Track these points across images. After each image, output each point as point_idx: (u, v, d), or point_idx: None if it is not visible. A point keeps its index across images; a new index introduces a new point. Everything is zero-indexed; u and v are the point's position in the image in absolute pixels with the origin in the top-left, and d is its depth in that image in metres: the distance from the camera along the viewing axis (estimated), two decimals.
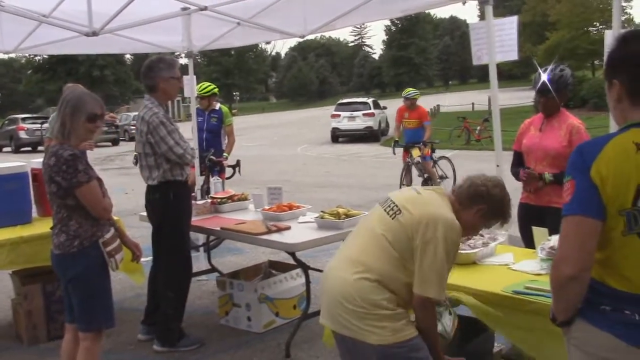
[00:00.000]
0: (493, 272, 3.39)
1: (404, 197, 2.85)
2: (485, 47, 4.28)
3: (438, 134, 24.76)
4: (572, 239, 1.87)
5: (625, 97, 1.95)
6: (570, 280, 1.87)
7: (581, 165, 1.89)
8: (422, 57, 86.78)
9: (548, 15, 46.12)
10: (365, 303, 2.63)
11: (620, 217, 1.85)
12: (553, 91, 3.98)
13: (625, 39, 1.98)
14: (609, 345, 1.88)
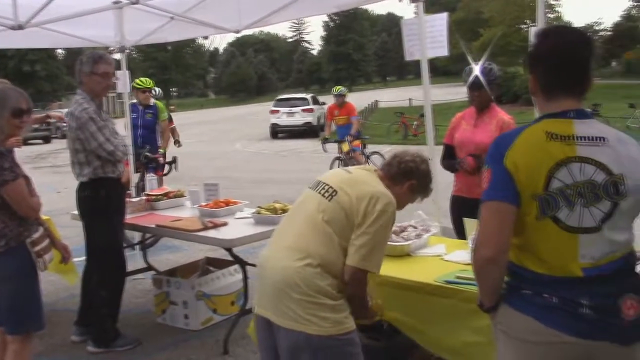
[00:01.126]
0: (426, 263, 3.47)
1: (337, 178, 2.83)
2: (417, 43, 4.36)
3: (376, 129, 25.11)
4: (490, 224, 1.95)
5: (539, 91, 2.05)
6: (489, 263, 1.95)
7: (497, 155, 1.97)
8: (361, 53, 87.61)
9: (482, 13, 47.30)
10: (310, 290, 2.58)
11: (534, 202, 1.93)
12: (479, 85, 4.10)
13: (542, 35, 2.07)
14: (531, 328, 1.95)
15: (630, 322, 1.92)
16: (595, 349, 1.92)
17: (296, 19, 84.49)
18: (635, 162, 1.96)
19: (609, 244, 1.94)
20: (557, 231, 1.94)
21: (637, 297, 1.94)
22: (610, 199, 1.93)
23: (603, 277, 1.93)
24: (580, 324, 1.91)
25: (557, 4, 56.27)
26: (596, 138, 1.95)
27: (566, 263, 1.94)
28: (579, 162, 1.92)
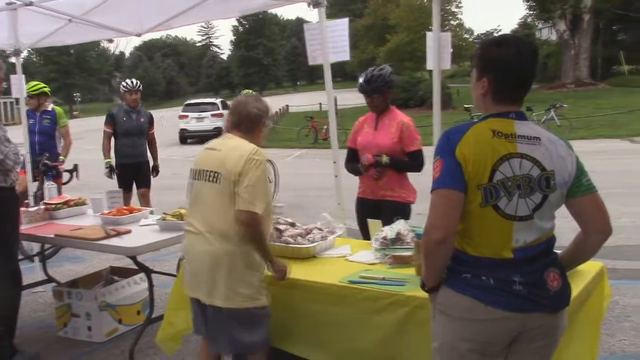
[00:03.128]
0: (331, 264, 3.52)
1: (211, 161, 3.18)
2: (319, 48, 4.42)
3: (286, 133, 25.21)
4: (440, 209, 2.15)
5: (490, 93, 2.25)
6: (439, 245, 2.15)
7: (448, 148, 2.17)
8: (271, 57, 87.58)
9: (388, 19, 48.35)
10: (235, 265, 3.06)
11: (479, 192, 2.14)
12: (372, 90, 4.20)
13: (499, 43, 2.27)
14: (470, 307, 2.18)
15: (556, 292, 2.20)
16: (529, 320, 2.18)
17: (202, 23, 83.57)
18: (563, 159, 2.20)
19: (538, 230, 2.19)
20: (496, 218, 2.16)
21: (558, 270, 2.24)
22: (542, 192, 2.17)
23: (530, 257, 2.18)
24: (515, 300, 2.15)
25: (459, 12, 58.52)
26: (533, 137, 2.19)
27: (501, 247, 2.17)
28: (519, 157, 2.15)
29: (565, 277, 2.28)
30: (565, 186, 2.20)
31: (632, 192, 9.53)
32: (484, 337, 2.19)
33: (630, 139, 17.56)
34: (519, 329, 2.19)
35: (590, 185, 2.24)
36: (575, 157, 2.24)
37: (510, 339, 2.22)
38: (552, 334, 2.26)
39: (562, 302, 2.25)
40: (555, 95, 33.00)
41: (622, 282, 5.38)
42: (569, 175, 2.20)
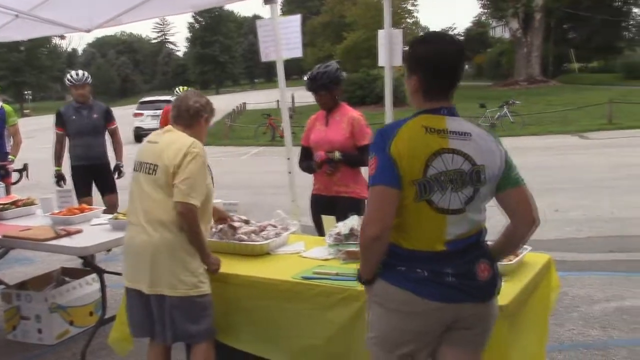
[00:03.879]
0: (285, 261, 3.52)
1: (149, 153, 3.23)
2: (272, 45, 4.40)
3: (244, 131, 25.07)
4: (376, 205, 2.19)
5: (420, 90, 2.29)
6: (374, 240, 2.19)
7: (382, 145, 2.20)
8: (227, 55, 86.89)
9: (345, 17, 48.47)
10: (175, 253, 3.10)
11: (413, 187, 2.18)
12: (318, 87, 4.20)
13: (420, 41, 2.33)
14: (405, 299, 2.23)
15: (486, 282, 2.27)
16: (461, 310, 2.25)
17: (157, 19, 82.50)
18: (492, 154, 2.26)
19: (469, 223, 2.25)
20: (430, 212, 2.21)
21: (488, 261, 2.30)
22: (473, 186, 2.23)
23: (461, 249, 2.24)
24: (448, 291, 2.22)
25: (415, 10, 59.07)
26: (464, 133, 2.24)
27: (435, 240, 2.23)
28: (450, 153, 2.20)
29: (495, 267, 2.34)
30: (495, 180, 2.26)
31: (581, 186, 9.79)
32: (419, 327, 2.26)
33: (580, 134, 18.03)
34: (452, 319, 2.26)
35: (518, 179, 2.30)
36: (504, 152, 2.30)
37: (444, 328, 2.29)
38: (483, 322, 2.33)
39: (492, 292, 2.32)
40: (509, 92, 33.62)
41: (571, 274, 5.53)
42: (499, 169, 2.25)
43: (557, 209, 8.26)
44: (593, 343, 4.15)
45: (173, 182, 3.10)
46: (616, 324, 4.41)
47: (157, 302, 3.17)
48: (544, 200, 8.74)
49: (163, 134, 3.31)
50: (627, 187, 9.45)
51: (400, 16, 55.47)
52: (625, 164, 11.70)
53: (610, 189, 9.46)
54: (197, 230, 3.14)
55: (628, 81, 34.34)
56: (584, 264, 5.90)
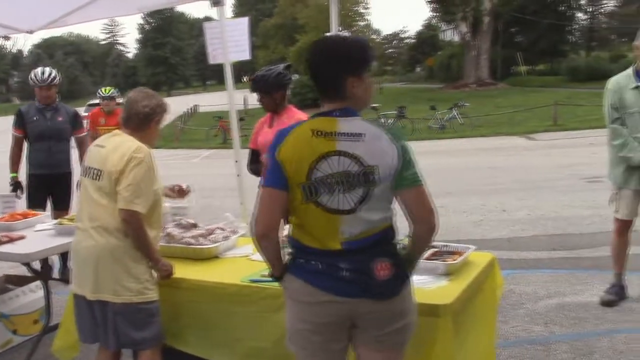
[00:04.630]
0: (234, 264, 3.52)
1: (96, 158, 3.19)
2: (219, 47, 4.39)
3: (195, 134, 24.83)
4: (263, 206, 2.31)
5: (319, 94, 2.36)
6: (261, 238, 2.32)
7: (274, 148, 2.30)
8: (179, 56, 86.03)
9: (297, 19, 48.60)
10: (119, 259, 3.06)
11: (299, 189, 2.26)
12: (261, 90, 4.19)
13: (310, 46, 2.37)
14: (305, 290, 2.32)
15: (384, 281, 2.29)
16: (357, 305, 2.29)
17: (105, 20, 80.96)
18: (385, 154, 2.26)
19: (365, 222, 2.28)
20: (320, 213, 2.27)
21: (389, 261, 2.31)
22: (364, 186, 2.25)
23: (358, 248, 2.28)
24: (342, 285, 2.27)
25: (366, 12, 59.56)
26: (355, 134, 2.25)
27: (329, 238, 2.28)
28: (337, 155, 2.24)
29: (399, 267, 2.33)
30: (390, 179, 2.25)
31: (528, 187, 10.03)
32: (317, 318, 2.32)
33: (527, 136, 18.47)
34: (351, 314, 2.30)
35: (414, 179, 2.29)
36: (402, 151, 2.27)
37: (348, 323, 2.34)
38: (386, 320, 2.32)
39: (391, 291, 2.31)
40: (459, 94, 34.26)
41: (517, 272, 5.66)
42: (392, 169, 2.24)
43: (504, 209, 8.45)
44: (536, 339, 4.26)
45: (117, 188, 3.05)
46: (558, 319, 4.54)
47: (100, 308, 3.13)
48: (492, 200, 8.96)
49: (110, 137, 3.27)
50: (570, 187, 9.74)
51: (352, 19, 55.99)
52: (569, 164, 12.05)
53: (555, 188, 9.73)
54: (143, 237, 3.09)
55: (572, 84, 35.36)
56: (529, 262, 6.05)
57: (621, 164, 4.63)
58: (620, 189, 4.67)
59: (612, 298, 4.76)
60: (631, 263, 4.89)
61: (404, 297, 2.36)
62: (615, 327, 4.36)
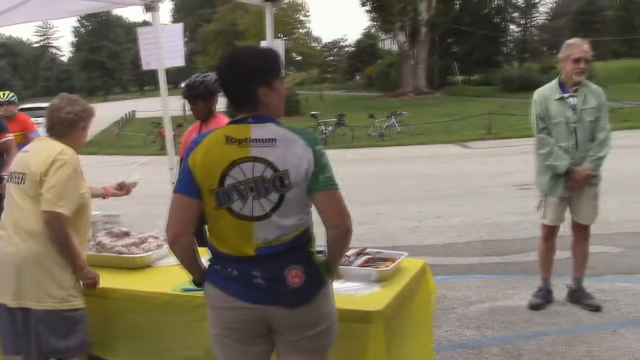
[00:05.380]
0: (166, 273, 3.46)
1: (20, 163, 3.15)
2: (153, 53, 4.33)
3: (132, 140, 24.37)
4: (173, 212, 2.33)
5: (231, 102, 2.39)
6: (172, 244, 2.36)
7: (187, 154, 2.32)
8: (116, 61, 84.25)
9: (238, 25, 48.36)
10: (43, 265, 2.98)
11: (211, 196, 2.27)
12: (193, 97, 4.16)
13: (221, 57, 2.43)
14: (217, 296, 2.34)
15: (296, 289, 2.30)
16: (269, 312, 2.31)
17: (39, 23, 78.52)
18: (298, 159, 2.28)
19: (278, 228, 2.29)
20: (232, 219, 2.28)
21: (302, 268, 2.31)
22: (278, 191, 2.27)
23: (272, 254, 2.29)
24: (255, 292, 2.28)
25: (307, 20, 59.85)
26: (268, 140, 2.27)
27: (242, 245, 2.29)
28: (251, 161, 2.26)
29: (312, 274, 2.32)
30: (304, 183, 2.27)
31: (462, 193, 10.27)
32: (230, 324, 2.33)
33: (462, 144, 18.93)
34: (265, 321, 2.32)
35: (328, 183, 2.30)
36: (315, 155, 2.28)
37: (263, 330, 2.35)
38: (303, 327, 2.33)
39: (302, 298, 2.31)
40: (397, 102, 34.80)
41: (450, 277, 5.79)
42: (306, 173, 2.26)
43: (439, 216, 8.63)
44: (468, 342, 4.36)
45: (40, 190, 2.99)
46: (489, 323, 4.66)
47: (22, 316, 3.03)
48: (428, 207, 9.13)
49: (35, 142, 3.25)
50: (503, 194, 10.02)
51: (292, 26, 56.14)
52: (502, 171, 12.40)
53: (489, 195, 9.99)
54: (66, 241, 3.01)
55: (506, 93, 36.41)
56: (463, 268, 6.19)
57: (547, 172, 4.80)
58: (547, 196, 4.84)
59: (540, 301, 4.92)
60: (557, 267, 5.06)
61: (319, 303, 2.36)
62: (542, 330, 4.51)
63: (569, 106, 4.71)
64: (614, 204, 8.22)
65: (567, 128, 4.71)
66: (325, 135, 20.99)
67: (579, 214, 4.86)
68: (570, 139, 4.70)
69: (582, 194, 4.78)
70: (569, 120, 4.70)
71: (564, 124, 4.71)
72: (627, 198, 8.83)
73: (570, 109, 4.70)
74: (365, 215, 8.68)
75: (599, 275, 5.57)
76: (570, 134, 4.70)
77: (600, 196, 4.92)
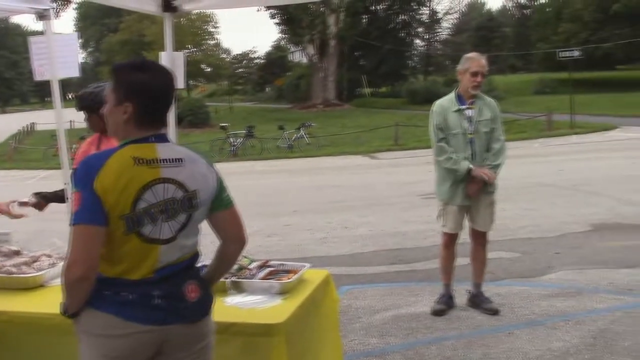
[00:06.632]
0: (60, 293, 3.31)
1: None
2: (46, 63, 4.16)
3: (32, 153, 23.31)
4: (81, 245, 2.09)
5: (134, 118, 2.21)
6: (80, 281, 2.11)
7: (87, 179, 2.10)
8: (14, 71, 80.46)
9: (144, 35, 47.34)
10: None
11: (121, 221, 2.13)
12: (83, 108, 3.99)
13: (142, 67, 2.25)
14: (109, 324, 2.17)
15: (195, 303, 2.28)
16: (170, 332, 2.23)
17: None
18: (205, 177, 2.28)
19: (181, 249, 2.27)
20: (139, 244, 2.17)
21: (197, 283, 2.32)
22: (186, 212, 2.24)
23: (170, 274, 2.24)
24: (155, 313, 2.19)
25: (216, 31, 59.40)
26: (175, 160, 2.23)
27: (145, 269, 2.19)
28: (162, 182, 2.18)
29: (205, 288, 2.37)
30: (208, 202, 2.30)
31: (370, 204, 10.46)
32: (124, 352, 2.20)
33: (370, 155, 19.32)
34: (161, 341, 2.23)
35: (229, 200, 2.37)
36: (216, 174, 2.33)
37: (151, 353, 2.25)
38: (194, 342, 2.33)
39: (202, 312, 2.34)
40: (307, 114, 35.13)
41: (356, 287, 5.86)
42: (212, 191, 2.30)
43: (347, 226, 8.74)
44: (372, 351, 4.42)
45: None
46: (393, 331, 4.75)
47: None
48: (336, 218, 9.23)
49: None
50: (409, 203, 10.28)
51: (201, 37, 55.52)
52: (408, 181, 12.74)
53: (394, 205, 10.23)
54: None
55: (412, 106, 37.53)
56: (368, 277, 6.29)
57: (447, 181, 4.96)
58: (447, 205, 5.00)
59: (442, 307, 5.07)
60: (458, 273, 5.24)
61: (209, 317, 2.40)
62: (444, 335, 4.64)
63: (466, 118, 4.90)
64: (511, 211, 8.62)
65: (464, 139, 4.89)
66: (234, 147, 20.85)
67: (477, 222, 5.05)
68: (468, 150, 4.89)
69: (480, 202, 4.98)
70: (466, 132, 4.89)
71: (462, 134, 4.89)
72: (523, 205, 9.28)
73: (467, 121, 4.90)
74: (273, 227, 8.68)
75: (497, 280, 5.81)
76: (467, 144, 4.89)
77: (499, 204, 5.15)
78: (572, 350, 4.26)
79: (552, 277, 5.96)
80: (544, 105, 27.29)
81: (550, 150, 18.00)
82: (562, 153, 17.04)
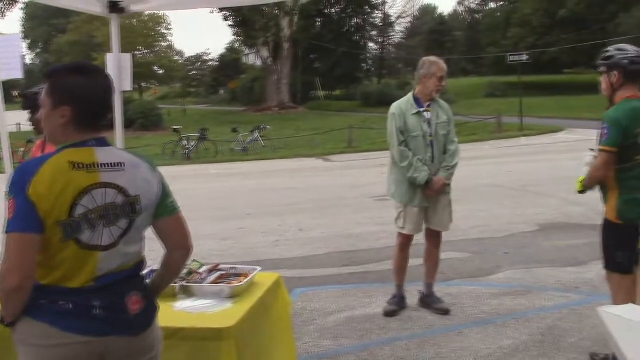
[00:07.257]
0: None
1: None
2: None
3: None
4: (16, 254, 2.02)
5: (72, 122, 2.16)
6: (16, 291, 2.04)
7: (21, 186, 2.03)
8: None
9: (95, 37, 46.50)
10: None
11: (58, 227, 2.06)
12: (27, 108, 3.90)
13: (81, 70, 2.20)
14: (46, 334, 2.09)
15: (137, 315, 2.22)
16: (110, 344, 2.16)
17: None
18: (148, 183, 2.24)
19: (123, 256, 2.21)
20: (78, 250, 2.11)
21: (141, 294, 2.26)
22: (128, 217, 2.19)
23: (111, 283, 2.17)
24: (94, 324, 2.12)
25: (168, 33, 58.69)
26: (116, 164, 2.18)
27: (84, 276, 2.12)
28: (102, 187, 2.12)
29: (149, 299, 2.31)
30: (151, 208, 2.25)
31: (323, 206, 10.48)
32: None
33: (325, 157, 19.37)
34: (100, 352, 2.16)
35: (174, 207, 2.32)
36: (160, 179, 2.30)
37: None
38: (137, 355, 2.26)
39: (142, 325, 2.26)
40: (261, 117, 35.05)
41: (310, 289, 5.86)
42: (155, 197, 2.26)
43: (300, 229, 8.73)
44: (326, 353, 4.43)
45: None
46: (346, 332, 4.77)
47: None
48: (289, 220, 9.21)
49: None
50: (362, 205, 10.35)
51: (154, 39, 54.82)
52: (361, 184, 12.81)
53: (348, 207, 10.27)
54: None
55: (366, 108, 37.86)
56: (322, 279, 6.29)
57: (405, 183, 4.98)
58: (407, 206, 5.03)
59: (394, 308, 5.11)
60: (410, 274, 5.28)
61: (155, 327, 2.33)
62: (397, 335, 4.68)
63: (425, 120, 4.95)
64: (462, 211, 8.75)
65: (424, 141, 4.94)
66: (188, 150, 20.62)
67: (436, 222, 5.10)
68: (428, 152, 4.95)
69: (438, 203, 5.04)
70: (426, 134, 4.94)
71: (422, 137, 4.93)
72: (474, 206, 9.43)
73: (426, 123, 4.95)
74: (227, 231, 8.61)
75: (447, 280, 5.89)
76: (427, 147, 4.95)
77: None
78: (522, 347, 4.35)
79: (501, 277, 6.08)
80: (494, 108, 27.88)
81: (500, 152, 18.39)
82: (512, 155, 17.42)
